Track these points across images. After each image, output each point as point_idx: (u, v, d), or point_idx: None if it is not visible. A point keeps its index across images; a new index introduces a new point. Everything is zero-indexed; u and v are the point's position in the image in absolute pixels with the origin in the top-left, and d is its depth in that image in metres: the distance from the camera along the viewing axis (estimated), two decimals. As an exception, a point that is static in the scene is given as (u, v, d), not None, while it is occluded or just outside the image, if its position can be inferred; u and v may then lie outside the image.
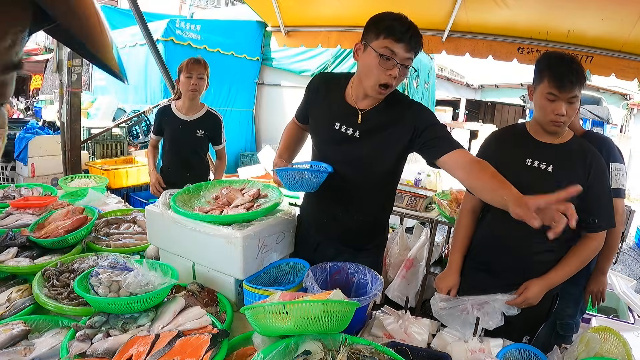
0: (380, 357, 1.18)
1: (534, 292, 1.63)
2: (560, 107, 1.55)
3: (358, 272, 1.67)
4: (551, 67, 1.58)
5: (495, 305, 1.62)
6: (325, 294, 1.25)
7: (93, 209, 2.27)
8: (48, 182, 4.45)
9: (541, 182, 1.61)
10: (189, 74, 2.72)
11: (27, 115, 7.92)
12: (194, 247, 1.69)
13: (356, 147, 1.59)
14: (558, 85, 1.54)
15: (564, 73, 1.55)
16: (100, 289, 1.42)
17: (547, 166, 1.63)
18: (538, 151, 1.66)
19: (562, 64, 1.57)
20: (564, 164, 1.62)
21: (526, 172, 1.65)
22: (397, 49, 1.43)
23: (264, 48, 7.48)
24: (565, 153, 1.63)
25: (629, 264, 5.86)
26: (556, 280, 1.66)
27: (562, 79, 1.54)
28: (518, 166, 1.67)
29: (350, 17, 3.72)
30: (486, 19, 3.22)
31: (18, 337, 1.31)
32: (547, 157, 1.64)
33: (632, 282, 3.30)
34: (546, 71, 1.58)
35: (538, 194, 1.58)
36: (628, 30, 2.72)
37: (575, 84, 1.54)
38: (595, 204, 1.60)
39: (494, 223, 1.78)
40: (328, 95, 1.68)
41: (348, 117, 1.59)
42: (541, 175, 1.63)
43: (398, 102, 1.60)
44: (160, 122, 2.93)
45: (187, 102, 2.83)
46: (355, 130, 1.58)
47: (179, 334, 1.25)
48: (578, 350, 1.38)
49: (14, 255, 1.78)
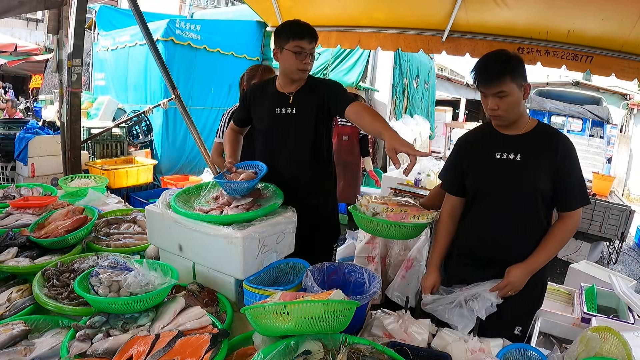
0: (380, 357, 1.18)
1: (516, 275, 1.67)
2: (490, 102, 1.65)
3: (355, 271, 1.70)
4: (476, 67, 1.68)
5: (485, 294, 1.68)
6: (325, 294, 1.25)
7: (93, 209, 2.27)
8: (48, 182, 4.45)
9: (512, 171, 1.68)
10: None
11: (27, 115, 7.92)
12: (194, 247, 1.69)
13: (292, 119, 2.11)
14: (482, 83, 1.64)
15: (485, 70, 1.65)
16: (101, 289, 1.42)
17: (515, 155, 1.68)
18: (504, 144, 1.72)
19: (485, 61, 1.67)
20: (530, 151, 1.67)
21: (497, 164, 1.71)
22: (303, 44, 1.98)
23: (264, 48, 7.48)
24: (530, 140, 1.69)
25: (629, 264, 5.86)
26: (538, 263, 1.69)
27: (483, 77, 1.64)
28: (488, 161, 1.74)
29: (350, 17, 3.73)
30: (486, 19, 3.22)
31: (18, 337, 1.31)
32: (513, 147, 1.69)
33: (632, 282, 3.30)
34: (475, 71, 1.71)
35: (511, 183, 1.68)
36: (628, 30, 2.72)
37: (497, 80, 1.59)
38: (567, 182, 1.65)
39: (475, 219, 1.83)
40: (263, 95, 2.19)
41: (282, 101, 2.12)
42: (511, 165, 1.68)
43: (316, 83, 2.17)
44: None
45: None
46: (291, 108, 2.11)
47: (179, 334, 1.25)
48: (578, 350, 1.38)
49: (14, 255, 1.78)
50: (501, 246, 1.75)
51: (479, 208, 1.80)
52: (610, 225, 4.98)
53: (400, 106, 8.14)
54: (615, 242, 5.28)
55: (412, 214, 1.97)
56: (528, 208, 1.69)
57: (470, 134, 1.94)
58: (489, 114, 1.69)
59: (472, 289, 1.72)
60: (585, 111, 8.84)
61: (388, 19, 3.63)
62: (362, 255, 3.35)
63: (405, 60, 8.09)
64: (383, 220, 1.97)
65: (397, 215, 1.96)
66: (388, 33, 3.70)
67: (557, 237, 1.70)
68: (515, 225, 1.71)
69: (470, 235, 1.85)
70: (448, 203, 1.93)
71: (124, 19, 7.42)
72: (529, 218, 1.70)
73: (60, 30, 3.85)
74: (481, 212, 1.80)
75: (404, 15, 3.52)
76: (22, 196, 2.52)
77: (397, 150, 1.55)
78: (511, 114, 1.67)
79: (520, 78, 1.62)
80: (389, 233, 2.01)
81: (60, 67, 3.81)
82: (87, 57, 8.47)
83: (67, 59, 3.68)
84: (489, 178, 1.74)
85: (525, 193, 1.68)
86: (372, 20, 3.70)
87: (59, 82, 3.89)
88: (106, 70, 7.51)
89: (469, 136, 1.93)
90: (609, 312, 2.91)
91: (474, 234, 1.83)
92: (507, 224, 1.72)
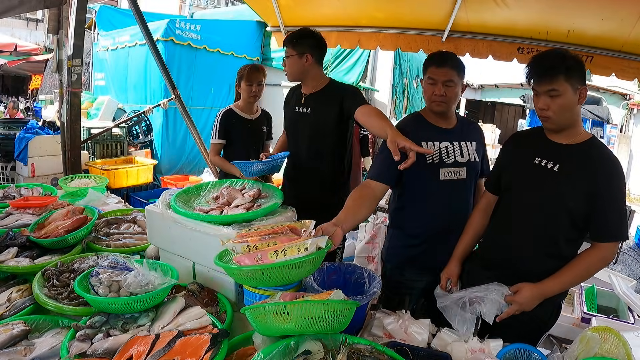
0: (380, 357, 1.18)
1: (525, 296, 1.55)
2: (541, 101, 1.57)
3: (355, 271, 1.69)
4: (530, 62, 1.62)
5: (491, 296, 1.56)
6: (325, 294, 1.25)
7: (93, 209, 2.27)
8: (48, 182, 4.44)
9: (545, 180, 1.59)
10: (250, 82, 2.94)
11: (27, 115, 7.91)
12: (194, 247, 1.69)
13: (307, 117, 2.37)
14: (534, 78, 1.59)
15: (539, 65, 1.58)
16: (101, 289, 1.42)
17: (554, 165, 1.59)
18: (548, 150, 1.63)
19: (540, 57, 1.61)
20: (570, 164, 1.57)
21: (533, 170, 1.63)
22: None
23: (264, 48, 7.48)
24: (575, 153, 1.58)
25: (629, 264, 5.86)
26: (551, 288, 1.57)
27: (535, 72, 1.59)
28: (527, 164, 1.67)
29: (350, 17, 3.72)
30: (486, 19, 3.21)
31: (18, 337, 1.31)
32: (555, 156, 1.60)
33: (632, 282, 3.30)
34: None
35: (540, 192, 1.59)
36: (628, 30, 2.72)
37: (549, 77, 1.53)
38: (606, 209, 1.52)
39: (499, 222, 1.78)
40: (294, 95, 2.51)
41: (299, 100, 2.41)
42: (547, 174, 1.59)
43: (334, 86, 2.39)
44: (227, 125, 3.00)
45: (249, 105, 3.07)
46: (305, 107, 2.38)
47: (179, 334, 1.25)
48: (578, 350, 1.38)
49: (14, 255, 1.78)
50: (508, 252, 1.69)
51: (502, 210, 1.76)
52: (610, 225, 4.97)
53: (400, 106, 8.15)
54: (615, 242, 5.27)
55: (271, 250, 1.28)
56: (549, 223, 1.59)
57: (522, 133, 1.93)
58: (539, 114, 1.60)
59: (476, 292, 1.60)
60: (585, 111, 8.85)
61: (388, 19, 3.63)
62: (362, 255, 3.34)
63: (405, 60, 8.10)
64: (237, 268, 1.29)
65: (252, 255, 1.30)
66: (388, 33, 3.70)
67: (580, 266, 1.56)
68: (529, 237, 1.63)
69: (491, 239, 1.80)
70: (484, 199, 1.89)
71: (124, 19, 7.42)
72: (548, 234, 1.60)
73: (60, 30, 3.85)
74: (506, 216, 1.74)
75: (404, 15, 3.51)
76: (22, 196, 2.51)
77: (399, 144, 1.59)
78: (562, 118, 1.55)
79: (577, 80, 1.51)
80: (264, 281, 1.30)
81: (60, 67, 3.81)
82: (87, 57, 8.47)
83: (67, 59, 3.68)
84: (520, 182, 1.67)
85: (551, 206, 1.58)
86: (372, 20, 3.69)
87: (59, 82, 3.89)
88: (106, 70, 7.51)
89: (520, 135, 1.91)
90: (609, 312, 2.92)
91: (493, 239, 1.78)
92: (522, 233, 1.65)
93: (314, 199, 2.34)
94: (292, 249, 1.26)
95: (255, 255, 1.28)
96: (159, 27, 6.11)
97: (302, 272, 1.30)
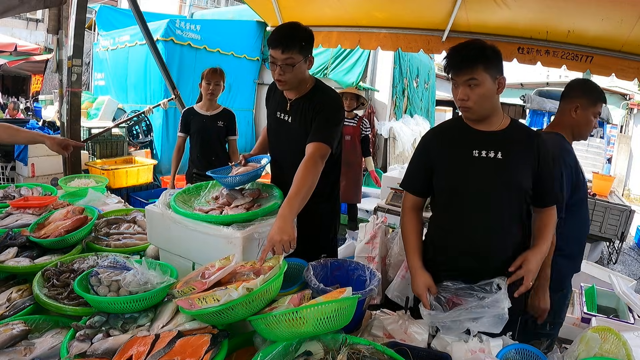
0: (380, 357, 1.18)
1: (533, 262, 1.59)
2: (460, 91, 1.58)
3: (357, 269, 1.72)
4: (448, 52, 1.64)
5: (491, 311, 1.48)
6: (336, 292, 1.27)
7: (93, 209, 2.27)
8: (48, 182, 4.45)
9: (495, 170, 1.60)
10: (208, 81, 3.44)
11: (27, 116, 7.91)
12: (194, 247, 1.69)
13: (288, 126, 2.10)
14: (453, 69, 1.59)
15: (456, 56, 1.59)
16: (100, 289, 1.42)
17: (496, 154, 1.60)
18: (481, 141, 1.63)
19: (458, 48, 1.61)
20: (510, 149, 1.60)
21: (478, 162, 1.62)
22: (275, 54, 1.88)
23: (264, 48, 7.49)
24: (509, 138, 1.62)
25: (629, 264, 5.86)
26: (545, 248, 1.66)
27: (453, 62, 1.59)
28: (466, 159, 1.64)
29: (350, 17, 3.73)
30: (486, 19, 3.22)
31: (18, 337, 1.31)
32: (493, 144, 1.61)
33: (632, 282, 3.30)
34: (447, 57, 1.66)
35: (496, 182, 1.61)
36: (628, 30, 2.72)
37: (468, 67, 1.53)
38: (546, 181, 1.65)
39: (454, 219, 1.72)
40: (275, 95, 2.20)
41: (282, 106, 2.12)
42: (493, 163, 1.60)
43: (317, 96, 2.04)
44: (186, 121, 3.56)
45: (207, 102, 3.55)
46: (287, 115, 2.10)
47: (179, 334, 1.25)
48: (578, 350, 1.38)
49: (14, 255, 1.78)
50: (483, 245, 1.66)
51: (457, 208, 1.70)
52: (610, 225, 4.99)
53: (400, 106, 8.14)
54: (615, 242, 5.29)
55: (199, 297, 1.26)
56: (513, 207, 1.64)
57: (438, 130, 1.81)
58: (458, 104, 1.61)
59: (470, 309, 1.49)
60: (585, 111, 8.83)
61: (388, 19, 3.63)
62: (362, 255, 3.34)
63: (405, 60, 8.09)
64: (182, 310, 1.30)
65: (185, 300, 1.29)
66: (388, 33, 3.70)
67: (549, 225, 1.69)
68: (499, 225, 1.64)
69: (448, 235, 1.74)
70: (409, 201, 1.82)
71: (124, 19, 7.42)
72: (514, 217, 1.65)
73: (60, 30, 3.85)
74: (461, 212, 1.69)
75: (404, 15, 3.52)
76: (22, 196, 2.51)
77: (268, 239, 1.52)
78: (482, 107, 1.58)
79: (495, 70, 1.54)
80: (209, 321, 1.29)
81: (60, 67, 3.82)
82: (87, 57, 8.48)
83: (67, 59, 3.68)
84: (469, 177, 1.64)
85: (510, 192, 1.62)
86: (372, 20, 3.70)
87: (59, 82, 3.90)
88: (106, 70, 7.51)
89: (437, 132, 1.80)
90: (609, 312, 2.92)
91: (452, 234, 1.72)
92: (490, 223, 1.65)
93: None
94: (209, 298, 1.23)
95: (187, 300, 1.28)
96: (159, 27, 6.11)
97: (233, 316, 1.24)
